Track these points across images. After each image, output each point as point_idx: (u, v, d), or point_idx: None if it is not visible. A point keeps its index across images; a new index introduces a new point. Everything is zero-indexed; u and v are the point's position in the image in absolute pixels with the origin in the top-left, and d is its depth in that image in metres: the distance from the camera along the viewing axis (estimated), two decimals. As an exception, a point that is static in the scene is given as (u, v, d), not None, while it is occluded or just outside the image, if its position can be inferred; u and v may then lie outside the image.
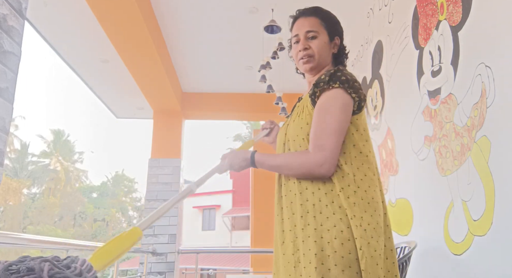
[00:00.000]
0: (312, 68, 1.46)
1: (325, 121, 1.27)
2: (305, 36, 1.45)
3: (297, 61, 1.49)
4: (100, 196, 28.28)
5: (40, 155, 27.89)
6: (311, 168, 1.26)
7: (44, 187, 27.15)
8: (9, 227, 22.11)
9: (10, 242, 1.85)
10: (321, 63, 1.46)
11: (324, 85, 1.32)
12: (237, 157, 1.42)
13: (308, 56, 1.44)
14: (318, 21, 1.46)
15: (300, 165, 1.28)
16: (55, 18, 3.88)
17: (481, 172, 1.76)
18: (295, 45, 1.49)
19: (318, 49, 1.44)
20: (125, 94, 5.64)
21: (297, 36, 1.47)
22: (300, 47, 1.45)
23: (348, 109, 1.29)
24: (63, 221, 25.58)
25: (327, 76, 1.32)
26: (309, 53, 1.44)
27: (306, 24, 1.46)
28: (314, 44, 1.44)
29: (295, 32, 1.48)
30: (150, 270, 4.86)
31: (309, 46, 1.44)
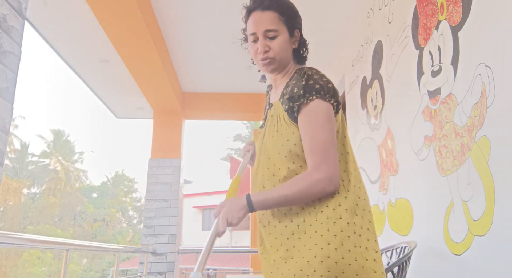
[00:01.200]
0: (273, 70, 1.37)
1: (317, 136, 1.22)
2: (264, 35, 1.32)
3: (257, 61, 1.38)
4: (100, 196, 28.28)
5: (40, 155, 27.90)
6: (323, 186, 1.18)
7: (44, 187, 27.15)
8: (9, 227, 22.11)
9: (10, 242, 1.85)
10: (283, 63, 1.37)
11: (301, 99, 1.23)
12: (232, 210, 1.22)
13: (269, 58, 1.33)
14: (277, 16, 1.33)
15: (311, 186, 1.18)
16: (55, 18, 3.88)
17: (481, 172, 1.76)
18: (252, 44, 1.37)
19: (279, 50, 1.33)
20: (125, 94, 5.64)
21: (255, 35, 1.34)
22: (260, 50, 1.33)
23: (332, 116, 1.25)
24: (63, 221, 25.59)
25: (300, 89, 1.24)
26: (269, 56, 1.33)
27: (264, 21, 1.32)
28: (275, 44, 1.32)
29: (252, 29, 1.35)
30: (150, 270, 4.86)
31: (269, 47, 1.32)
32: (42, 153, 28.01)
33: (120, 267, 14.44)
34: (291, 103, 1.26)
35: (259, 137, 1.43)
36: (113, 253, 3.84)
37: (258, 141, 1.41)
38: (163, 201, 5.13)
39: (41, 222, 24.29)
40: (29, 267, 21.30)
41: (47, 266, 22.13)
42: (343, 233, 1.16)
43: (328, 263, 1.12)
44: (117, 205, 28.02)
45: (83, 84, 5.37)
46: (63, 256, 2.44)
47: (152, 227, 5.02)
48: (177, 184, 5.22)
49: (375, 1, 3.34)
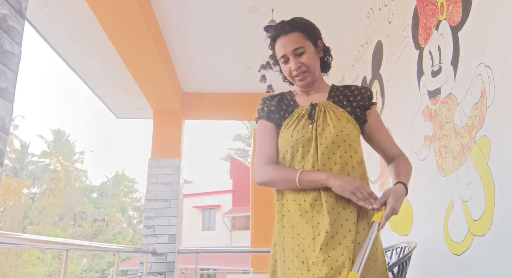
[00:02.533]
0: (310, 83, 1.51)
1: (388, 131, 1.56)
2: (293, 54, 1.47)
3: (292, 79, 1.52)
4: (100, 196, 28.28)
5: (40, 155, 27.91)
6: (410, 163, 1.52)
7: (44, 187, 27.15)
8: (9, 227, 22.11)
9: (10, 242, 1.85)
10: (315, 73, 1.51)
11: (372, 101, 1.51)
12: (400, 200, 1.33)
13: (303, 73, 1.48)
14: (300, 35, 1.47)
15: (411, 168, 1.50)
16: (55, 18, 3.89)
17: (481, 172, 1.76)
18: (284, 65, 1.51)
19: (310, 63, 1.48)
20: (125, 94, 5.64)
21: (285, 57, 1.48)
22: (293, 67, 1.47)
23: None
24: (63, 221, 25.59)
25: (371, 94, 1.52)
26: (303, 70, 1.47)
27: (290, 42, 1.46)
28: (305, 59, 1.46)
29: (281, 52, 1.49)
30: (150, 270, 4.86)
31: (301, 63, 1.47)
32: (42, 153, 28.02)
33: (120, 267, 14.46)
34: (367, 102, 1.49)
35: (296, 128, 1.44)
36: (113, 253, 3.84)
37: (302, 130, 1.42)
38: (163, 201, 5.13)
39: (41, 222, 24.29)
40: (29, 267, 21.30)
41: (47, 266, 22.13)
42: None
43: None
44: (117, 205, 28.02)
45: (83, 84, 5.37)
46: (63, 256, 2.44)
47: (152, 227, 5.02)
48: (177, 184, 5.23)
49: (375, 1, 3.34)
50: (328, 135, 1.39)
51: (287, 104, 1.54)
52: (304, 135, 1.41)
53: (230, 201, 20.01)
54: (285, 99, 1.56)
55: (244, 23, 3.96)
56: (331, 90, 1.54)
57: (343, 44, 4.09)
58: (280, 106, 1.54)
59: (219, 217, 19.97)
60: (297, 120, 1.47)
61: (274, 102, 1.56)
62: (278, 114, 1.53)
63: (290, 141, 1.43)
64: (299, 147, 1.42)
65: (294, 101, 1.55)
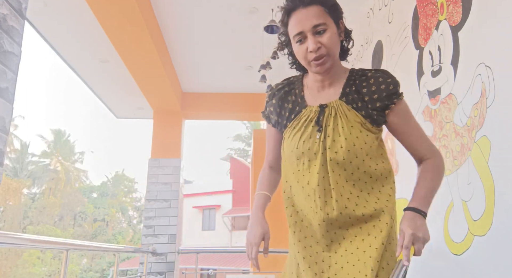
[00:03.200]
0: (328, 69, 1.26)
1: (417, 127, 1.32)
2: (313, 31, 1.21)
3: (307, 63, 1.26)
4: (100, 196, 28.27)
5: (40, 155, 27.91)
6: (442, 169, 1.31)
7: (44, 187, 27.15)
8: (9, 227, 22.11)
9: (10, 242, 1.85)
10: (335, 58, 1.28)
11: (398, 96, 1.28)
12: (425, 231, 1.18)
13: (322, 56, 1.22)
14: (321, 9, 1.23)
15: (443, 170, 1.31)
16: (55, 18, 3.89)
17: (481, 172, 1.76)
18: (299, 46, 1.25)
19: (331, 44, 1.23)
20: (125, 94, 5.64)
21: (302, 34, 1.22)
22: (311, 47, 1.21)
23: None
24: (63, 221, 25.58)
25: (395, 86, 1.28)
26: (322, 53, 1.22)
27: (310, 16, 1.21)
28: (325, 39, 1.21)
29: (297, 28, 1.23)
30: (150, 270, 4.86)
31: (321, 43, 1.21)
32: (42, 153, 28.02)
33: (120, 267, 14.46)
34: (385, 102, 1.26)
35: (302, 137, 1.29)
36: (113, 253, 3.84)
37: (309, 141, 1.27)
38: (163, 201, 5.13)
39: (41, 222, 24.28)
40: (29, 267, 21.29)
41: (47, 266, 22.12)
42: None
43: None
44: (117, 205, 28.02)
45: (83, 84, 5.37)
46: (63, 256, 2.44)
47: (152, 227, 5.02)
48: (177, 184, 5.23)
49: (375, 1, 3.34)
50: (339, 150, 1.23)
51: (294, 101, 1.35)
52: (311, 148, 1.25)
53: (230, 201, 20.01)
54: (293, 92, 1.36)
55: (244, 23, 3.96)
56: (346, 83, 1.30)
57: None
58: (284, 105, 1.35)
59: (219, 217, 19.97)
60: (303, 127, 1.29)
61: (279, 97, 1.37)
62: (278, 118, 1.37)
63: (295, 153, 1.29)
64: (305, 160, 1.27)
65: (302, 98, 1.34)
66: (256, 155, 6.40)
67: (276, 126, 1.40)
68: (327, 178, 1.24)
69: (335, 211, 1.23)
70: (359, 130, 1.25)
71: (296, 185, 1.31)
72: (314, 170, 1.25)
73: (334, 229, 1.26)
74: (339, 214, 1.24)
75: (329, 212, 1.24)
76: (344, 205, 1.24)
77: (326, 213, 1.24)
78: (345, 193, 1.25)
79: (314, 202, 1.26)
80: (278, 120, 1.38)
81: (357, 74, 1.31)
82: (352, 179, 1.25)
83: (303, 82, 1.37)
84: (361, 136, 1.24)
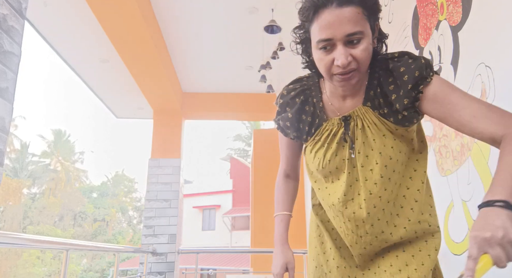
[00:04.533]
0: (354, 85, 1.05)
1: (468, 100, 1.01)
2: (345, 41, 0.96)
3: (329, 75, 1.01)
4: (100, 196, 28.28)
5: (40, 155, 27.92)
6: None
7: (44, 187, 27.16)
8: (9, 227, 22.12)
9: (10, 242, 1.85)
10: (364, 72, 1.04)
11: (424, 83, 1.02)
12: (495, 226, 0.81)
13: (352, 71, 0.99)
14: (360, 12, 0.96)
15: None
16: (55, 18, 3.89)
17: (481, 172, 1.76)
18: (323, 54, 0.99)
19: (364, 58, 0.98)
20: (125, 94, 5.64)
21: (330, 42, 0.96)
22: (342, 62, 0.96)
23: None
24: (63, 221, 25.59)
25: (420, 70, 1.01)
26: (352, 67, 0.98)
27: (345, 21, 0.94)
28: (359, 51, 0.97)
29: (325, 33, 0.96)
30: (150, 270, 4.86)
31: (352, 56, 0.97)
32: (42, 153, 28.03)
33: (120, 267, 14.47)
34: (413, 93, 1.02)
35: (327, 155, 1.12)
36: (113, 253, 3.84)
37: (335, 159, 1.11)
38: (163, 201, 5.13)
39: (41, 222, 24.29)
40: (29, 267, 21.30)
41: (47, 266, 22.13)
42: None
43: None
44: (117, 205, 28.03)
45: (83, 84, 5.37)
46: (63, 256, 2.44)
47: (152, 227, 5.02)
48: (177, 184, 5.23)
49: (375, 1, 3.34)
50: (375, 167, 1.06)
51: (312, 112, 1.14)
52: (339, 167, 1.10)
53: (230, 201, 20.02)
54: (310, 102, 1.15)
55: (244, 23, 3.96)
56: (369, 83, 1.07)
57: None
58: (302, 117, 1.15)
59: (219, 217, 19.98)
60: (326, 143, 1.11)
61: (295, 110, 1.15)
62: (297, 133, 1.18)
63: (321, 172, 1.14)
64: (334, 179, 1.13)
65: (321, 109, 1.13)
66: (256, 155, 6.41)
67: (295, 139, 1.22)
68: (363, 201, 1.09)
69: (369, 235, 1.11)
70: (393, 138, 1.06)
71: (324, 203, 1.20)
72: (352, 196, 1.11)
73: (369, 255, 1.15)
74: (374, 238, 1.11)
75: (362, 235, 1.11)
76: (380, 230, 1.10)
77: (360, 236, 1.12)
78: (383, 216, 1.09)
79: (344, 223, 1.14)
80: (297, 135, 1.19)
81: (380, 68, 1.07)
82: (393, 198, 1.09)
83: (320, 88, 1.15)
84: (396, 145, 1.06)
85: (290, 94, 1.17)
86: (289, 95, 1.17)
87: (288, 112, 1.17)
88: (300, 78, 1.20)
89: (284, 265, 1.22)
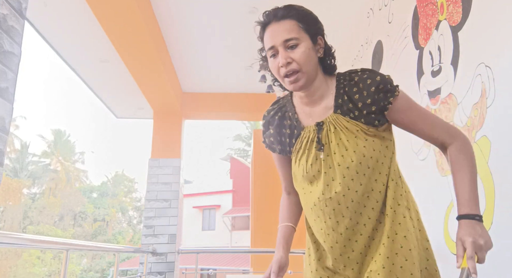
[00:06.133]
0: (302, 86, 1.20)
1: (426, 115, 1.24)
2: (284, 46, 1.18)
3: (281, 79, 1.22)
4: (100, 196, 28.28)
5: (40, 155, 27.93)
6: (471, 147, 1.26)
7: (44, 187, 27.16)
8: (9, 227, 22.12)
9: (10, 242, 1.85)
10: (310, 75, 1.21)
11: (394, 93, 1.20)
12: (484, 236, 1.09)
13: (294, 72, 1.18)
14: (295, 23, 1.20)
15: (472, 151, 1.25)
16: (55, 18, 3.89)
17: (481, 172, 1.76)
18: (272, 60, 1.22)
19: (304, 59, 1.18)
20: (125, 94, 5.64)
21: (274, 48, 1.20)
22: (282, 62, 1.18)
23: None
24: (63, 221, 25.59)
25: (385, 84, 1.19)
26: (293, 68, 1.18)
27: (281, 31, 1.19)
28: (297, 54, 1.17)
29: (269, 43, 1.21)
30: (150, 270, 4.86)
31: (292, 58, 1.17)
32: (42, 153, 28.03)
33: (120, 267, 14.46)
34: (381, 104, 1.18)
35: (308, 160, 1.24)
36: (113, 253, 3.85)
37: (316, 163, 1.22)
38: (163, 201, 5.13)
39: (41, 222, 24.29)
40: (29, 267, 21.30)
41: (47, 266, 22.13)
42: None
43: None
44: (117, 205, 28.03)
45: (83, 84, 5.37)
46: (63, 256, 2.44)
47: (152, 227, 5.02)
48: (177, 184, 5.23)
49: (375, 1, 3.34)
50: (350, 165, 1.17)
51: (290, 125, 1.30)
52: (320, 169, 1.21)
53: (230, 201, 20.02)
54: (287, 116, 1.31)
55: (244, 23, 3.96)
56: (336, 93, 1.23)
57: (343, 44, 4.09)
58: (282, 131, 1.31)
59: (219, 217, 19.98)
60: (307, 149, 1.24)
61: (275, 126, 1.32)
62: (281, 146, 1.33)
63: (306, 177, 1.25)
64: (317, 182, 1.24)
65: (297, 120, 1.29)
66: (256, 155, 6.41)
67: (282, 154, 1.35)
68: (342, 196, 1.19)
69: (349, 230, 1.20)
70: (364, 138, 1.19)
71: (307, 207, 1.30)
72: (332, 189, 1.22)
73: (348, 252, 1.21)
74: (351, 232, 1.20)
75: (342, 232, 1.20)
76: (356, 221, 1.20)
77: (340, 233, 1.20)
78: (359, 209, 1.19)
79: (324, 223, 1.22)
80: (281, 148, 1.34)
81: (345, 80, 1.24)
82: (367, 191, 1.18)
83: (293, 103, 1.32)
84: (368, 144, 1.18)
85: (270, 114, 1.36)
86: (269, 115, 1.35)
87: (270, 129, 1.34)
88: (277, 100, 1.39)
89: (275, 263, 1.31)
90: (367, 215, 1.20)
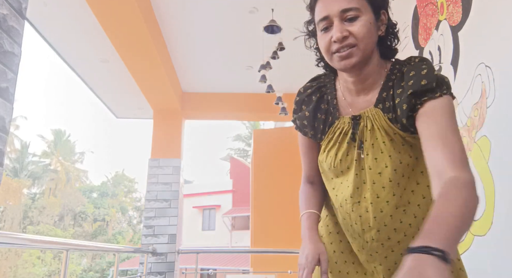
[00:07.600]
0: (355, 65, 1.00)
1: (448, 133, 0.92)
2: (340, 17, 0.98)
3: (329, 55, 1.02)
4: (100, 196, 28.28)
5: (40, 155, 27.93)
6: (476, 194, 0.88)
7: (44, 187, 27.16)
8: (9, 227, 22.12)
9: (10, 242, 1.85)
10: (367, 54, 1.01)
11: (432, 93, 0.96)
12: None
13: (349, 47, 0.98)
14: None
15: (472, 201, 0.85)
16: (55, 18, 3.89)
17: (481, 172, 1.76)
18: (323, 35, 1.01)
19: (363, 34, 0.98)
20: (125, 94, 5.64)
21: (327, 20, 0.99)
22: (336, 36, 0.97)
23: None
24: (63, 221, 25.59)
25: (430, 80, 0.96)
26: (350, 42, 0.98)
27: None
28: (356, 27, 0.98)
29: (322, 12, 1.00)
30: (150, 270, 4.86)
31: (349, 32, 0.98)
32: (42, 153, 28.03)
33: (120, 267, 14.47)
34: (413, 100, 0.97)
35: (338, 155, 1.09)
36: (113, 253, 3.84)
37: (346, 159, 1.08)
38: (163, 201, 5.13)
39: (41, 222, 24.29)
40: (29, 267, 21.30)
41: (47, 266, 22.13)
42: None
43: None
44: (117, 205, 28.03)
45: (83, 84, 5.37)
46: (63, 256, 2.44)
47: (152, 227, 5.02)
48: (177, 184, 5.23)
49: (375, 1, 3.34)
50: (384, 171, 1.02)
51: (326, 110, 1.13)
52: (350, 167, 1.07)
53: (230, 201, 20.02)
54: (325, 99, 1.14)
55: (244, 23, 3.96)
56: (384, 84, 1.05)
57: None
58: (317, 115, 1.14)
59: (219, 217, 19.98)
60: (338, 142, 1.09)
61: (312, 108, 1.14)
62: (314, 131, 1.15)
63: (333, 171, 1.11)
64: (343, 180, 1.10)
65: (334, 106, 1.12)
66: (256, 155, 6.40)
67: (313, 139, 1.18)
68: (370, 205, 1.04)
69: (375, 242, 1.05)
70: (401, 143, 1.02)
71: (335, 203, 1.15)
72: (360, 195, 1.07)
73: (375, 262, 1.08)
74: (380, 246, 1.05)
75: (368, 241, 1.06)
76: (387, 236, 1.04)
77: (366, 241, 1.07)
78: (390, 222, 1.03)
79: (351, 226, 1.09)
80: (314, 134, 1.16)
81: (398, 71, 1.06)
82: (402, 204, 1.03)
83: (335, 86, 1.14)
84: (405, 150, 1.02)
85: (306, 91, 1.17)
86: (306, 93, 1.17)
87: (304, 111, 1.16)
88: (318, 76, 1.19)
89: (316, 256, 1.07)
90: (403, 231, 1.04)
